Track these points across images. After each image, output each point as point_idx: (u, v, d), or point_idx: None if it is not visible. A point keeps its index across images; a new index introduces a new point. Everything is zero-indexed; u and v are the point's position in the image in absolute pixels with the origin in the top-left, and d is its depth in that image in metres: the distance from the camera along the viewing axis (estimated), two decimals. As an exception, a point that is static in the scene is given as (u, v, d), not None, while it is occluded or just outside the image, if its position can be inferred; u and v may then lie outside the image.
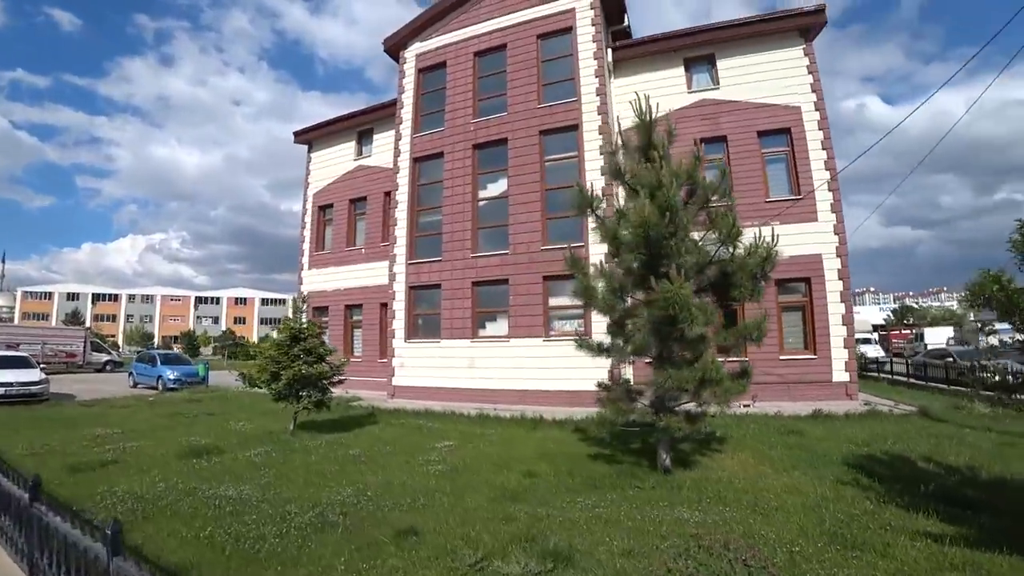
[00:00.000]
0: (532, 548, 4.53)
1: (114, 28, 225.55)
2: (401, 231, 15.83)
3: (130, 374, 20.66)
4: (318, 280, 19.19)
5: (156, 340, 67.37)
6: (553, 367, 13.24)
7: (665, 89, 14.87)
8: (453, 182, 15.21)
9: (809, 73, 13.80)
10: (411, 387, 14.82)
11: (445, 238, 15.06)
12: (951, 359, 17.32)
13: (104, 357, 29.10)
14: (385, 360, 15.86)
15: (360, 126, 19.19)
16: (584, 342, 8.12)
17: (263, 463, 7.49)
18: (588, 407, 12.71)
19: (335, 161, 19.62)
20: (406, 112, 16.52)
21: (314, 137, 20.25)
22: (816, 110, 13.60)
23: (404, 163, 16.16)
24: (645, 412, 7.63)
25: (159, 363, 19.29)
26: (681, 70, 14.94)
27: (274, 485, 6.35)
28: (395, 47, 17.17)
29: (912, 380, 17.96)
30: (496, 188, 15.14)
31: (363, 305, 17.90)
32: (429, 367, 14.73)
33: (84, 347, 25.09)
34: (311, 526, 4.94)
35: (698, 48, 14.83)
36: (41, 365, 16.84)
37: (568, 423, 10.99)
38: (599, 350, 8.09)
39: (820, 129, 13.51)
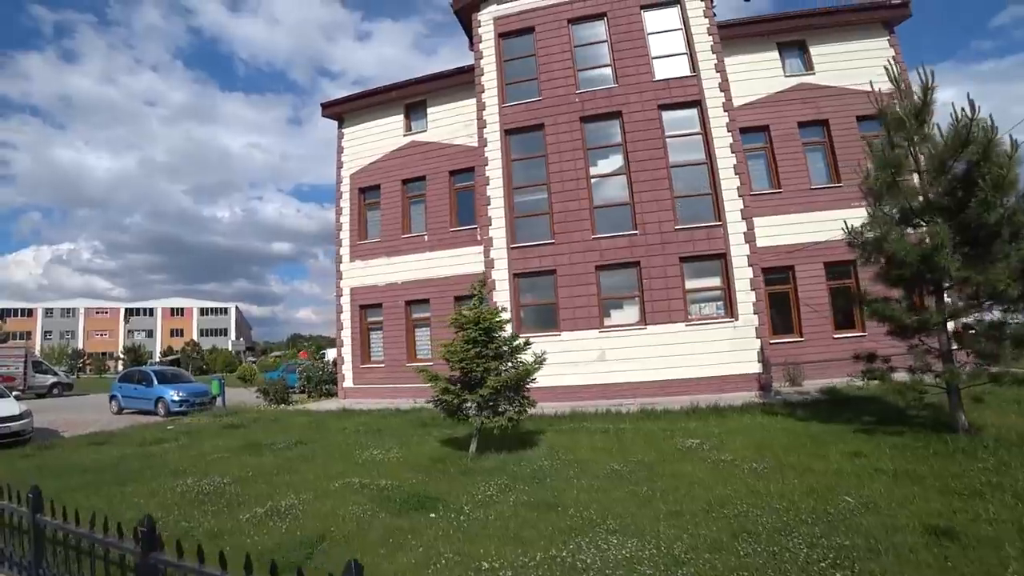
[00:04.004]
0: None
1: (5, 19, 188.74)
2: (497, 212, 13.97)
3: (112, 398, 16.07)
4: (364, 273, 16.42)
5: (84, 357, 58.12)
6: (696, 352, 12.41)
7: (761, 72, 14.96)
8: (560, 156, 13.77)
9: (896, 63, 14.62)
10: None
11: (557, 219, 13.55)
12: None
13: (50, 379, 23.00)
14: (482, 359, 13.82)
15: (409, 98, 16.82)
16: (892, 314, 7.53)
17: (540, 502, 5.21)
18: (735, 392, 12.11)
19: (377, 137, 16.98)
20: (488, 80, 14.71)
21: (347, 111, 17.39)
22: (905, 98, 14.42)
23: (493, 136, 14.34)
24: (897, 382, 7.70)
25: (156, 382, 15.08)
26: (775, 54, 15.06)
27: (641, 524, 4.48)
28: (466, 8, 15.28)
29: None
30: (606, 165, 13.99)
31: (431, 300, 15.56)
32: (547, 363, 13.03)
33: (25, 368, 18.99)
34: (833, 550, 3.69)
35: (789, 33, 15.07)
36: None
37: (750, 408, 10.15)
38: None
39: (912, 116, 14.33)
